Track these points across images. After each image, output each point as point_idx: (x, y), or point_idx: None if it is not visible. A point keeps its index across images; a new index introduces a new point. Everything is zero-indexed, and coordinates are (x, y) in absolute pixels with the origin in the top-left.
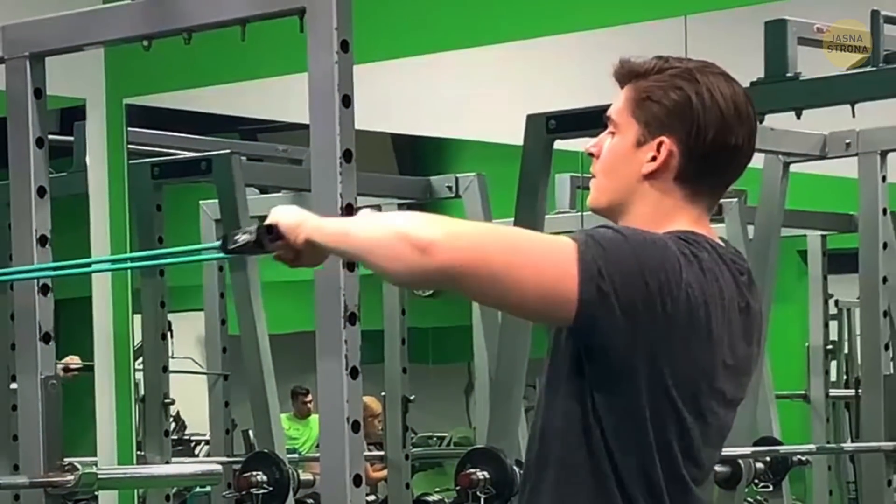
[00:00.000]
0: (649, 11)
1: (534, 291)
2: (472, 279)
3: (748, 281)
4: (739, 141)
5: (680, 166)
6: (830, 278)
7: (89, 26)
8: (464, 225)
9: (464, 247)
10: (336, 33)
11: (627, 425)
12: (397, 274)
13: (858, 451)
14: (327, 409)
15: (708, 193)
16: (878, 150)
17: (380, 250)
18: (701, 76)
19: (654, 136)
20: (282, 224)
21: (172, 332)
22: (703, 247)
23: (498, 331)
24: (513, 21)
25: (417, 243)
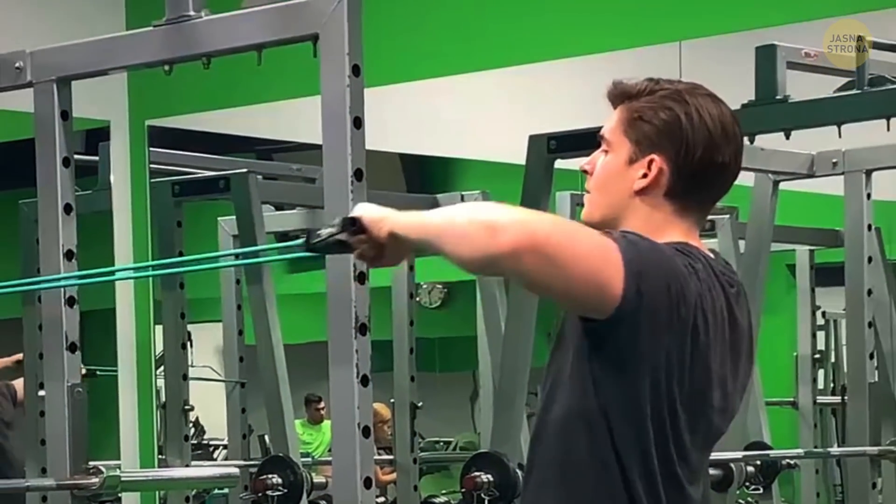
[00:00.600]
0: (646, 37)
1: (583, 280)
2: (531, 262)
3: (737, 294)
4: (726, 159)
5: (670, 183)
6: (818, 291)
7: (113, 52)
8: (528, 212)
9: (529, 231)
10: (348, 58)
11: (630, 422)
12: (469, 256)
13: (844, 456)
14: (339, 415)
15: (696, 208)
16: (863, 169)
17: (452, 235)
18: (690, 97)
19: (645, 154)
20: (365, 217)
21: (192, 341)
22: (699, 258)
23: (501, 341)
24: (515, 47)
25: (488, 225)
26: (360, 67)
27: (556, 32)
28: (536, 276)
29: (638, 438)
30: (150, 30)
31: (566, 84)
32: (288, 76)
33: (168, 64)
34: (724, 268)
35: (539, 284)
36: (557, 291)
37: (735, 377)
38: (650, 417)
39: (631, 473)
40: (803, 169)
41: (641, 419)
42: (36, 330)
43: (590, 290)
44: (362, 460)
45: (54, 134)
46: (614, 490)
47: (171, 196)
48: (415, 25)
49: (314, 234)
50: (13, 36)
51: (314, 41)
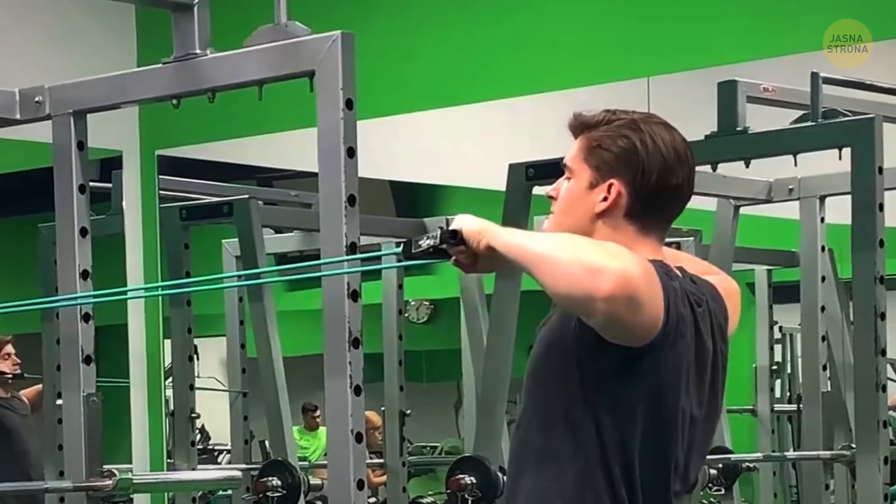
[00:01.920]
0: (617, 73)
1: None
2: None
3: (703, 313)
4: (680, 181)
5: (628, 205)
6: (775, 307)
7: (125, 87)
8: (621, 254)
9: (627, 279)
10: (342, 93)
11: (622, 422)
12: (566, 292)
13: (800, 459)
14: (334, 423)
15: (655, 227)
16: (817, 195)
17: (553, 268)
18: (644, 126)
19: (605, 179)
20: (465, 230)
21: (198, 354)
22: (675, 277)
23: (483, 353)
24: (496, 82)
25: (591, 269)
26: (354, 101)
27: (533, 69)
28: (618, 318)
29: (625, 436)
30: (159, 66)
31: (543, 116)
32: (286, 109)
33: (176, 98)
34: (692, 286)
35: (612, 323)
36: (620, 331)
37: (701, 394)
38: (640, 416)
39: (614, 478)
40: (762, 195)
41: (633, 418)
42: (54, 344)
43: (644, 331)
44: (355, 464)
45: (71, 163)
46: (595, 481)
47: (179, 220)
48: (405, 63)
49: (415, 244)
50: (33, 72)
51: (311, 77)
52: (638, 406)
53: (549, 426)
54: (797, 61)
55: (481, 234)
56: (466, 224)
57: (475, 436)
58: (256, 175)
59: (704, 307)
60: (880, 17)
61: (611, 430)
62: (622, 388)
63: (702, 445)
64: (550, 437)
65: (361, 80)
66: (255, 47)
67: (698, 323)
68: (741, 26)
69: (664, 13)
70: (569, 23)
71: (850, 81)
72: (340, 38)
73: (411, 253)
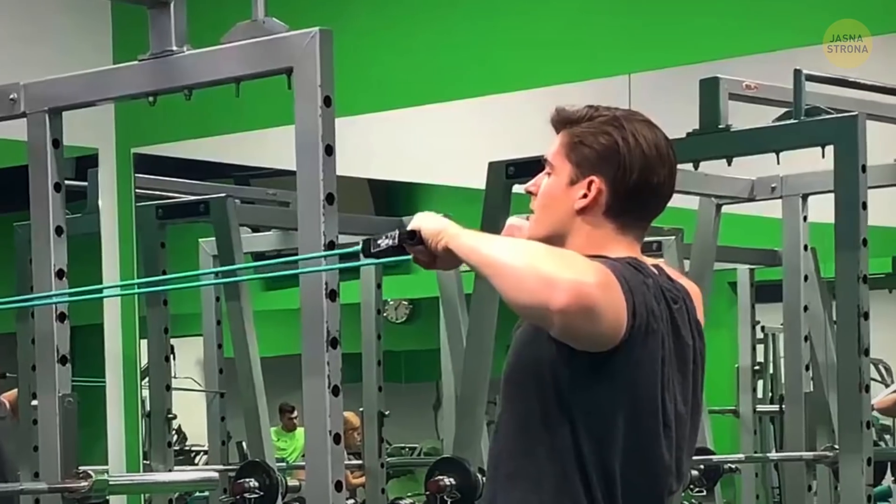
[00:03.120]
0: (598, 70)
1: (608, 330)
2: (576, 320)
3: (680, 310)
4: (661, 179)
5: (608, 202)
6: (757, 307)
7: (101, 84)
8: (578, 264)
9: (583, 294)
10: (320, 90)
11: (599, 424)
12: (521, 302)
13: (782, 460)
14: (312, 423)
15: (635, 225)
16: (800, 194)
17: (508, 277)
18: (627, 123)
19: (586, 176)
20: (424, 230)
21: (175, 354)
22: (649, 274)
23: (463, 354)
24: (475, 80)
25: (547, 281)
26: (332, 99)
27: (513, 66)
28: (575, 329)
29: (603, 439)
30: (135, 64)
31: (523, 114)
32: (264, 107)
33: (152, 95)
34: (669, 284)
35: (570, 335)
36: (581, 340)
37: (684, 388)
38: (619, 427)
39: (591, 469)
40: (744, 193)
41: (612, 421)
42: (29, 344)
43: (607, 338)
44: (333, 465)
45: (46, 161)
46: (573, 485)
47: (156, 219)
48: (383, 60)
49: (374, 244)
50: (8, 69)
51: (288, 74)
52: (614, 407)
53: (527, 430)
54: (780, 58)
55: (439, 236)
56: (425, 224)
57: (455, 437)
58: (233, 173)
59: (681, 304)
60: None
61: (587, 432)
62: (596, 390)
63: (690, 442)
64: (528, 442)
65: (340, 78)
66: (232, 44)
67: (676, 320)
68: (723, 23)
69: (645, 9)
70: (549, 19)
71: (834, 79)
72: (319, 34)
73: (370, 252)
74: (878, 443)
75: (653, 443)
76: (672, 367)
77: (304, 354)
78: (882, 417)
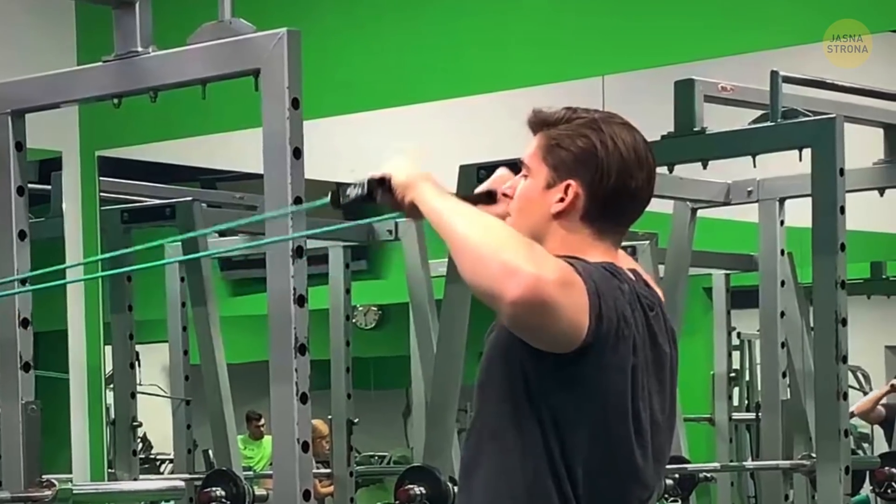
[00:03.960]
0: (569, 72)
1: (560, 331)
2: (526, 315)
3: (656, 317)
4: (639, 183)
5: (585, 207)
6: (733, 313)
7: (65, 85)
8: (541, 258)
9: (538, 290)
10: (288, 92)
11: (567, 429)
12: (476, 282)
13: (758, 469)
14: (279, 431)
15: (612, 231)
16: (776, 198)
17: (469, 253)
18: (605, 126)
19: (563, 180)
20: (394, 180)
21: (140, 361)
22: (625, 280)
23: (433, 360)
24: (447, 81)
25: (508, 269)
26: (300, 101)
27: (485, 68)
28: (526, 324)
29: (572, 450)
30: (99, 65)
31: (495, 116)
32: (231, 109)
33: (117, 97)
34: (646, 291)
35: (519, 327)
36: (532, 336)
37: (662, 396)
38: (587, 432)
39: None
40: (720, 197)
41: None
42: None
43: (562, 339)
44: (301, 474)
45: (9, 164)
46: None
47: (120, 223)
48: (353, 62)
49: (343, 195)
50: None
51: (255, 76)
52: (583, 412)
53: (499, 432)
54: (756, 59)
55: (407, 189)
56: (396, 173)
57: (425, 445)
58: (200, 177)
59: (657, 311)
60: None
61: (556, 435)
62: (565, 394)
63: (666, 451)
64: (500, 444)
65: (308, 79)
66: (198, 45)
67: (653, 327)
68: (698, 23)
69: (618, 10)
70: (520, 20)
71: (811, 80)
72: (286, 35)
73: (339, 204)
74: (856, 451)
75: (624, 450)
76: (648, 375)
77: (271, 361)
78: (860, 425)
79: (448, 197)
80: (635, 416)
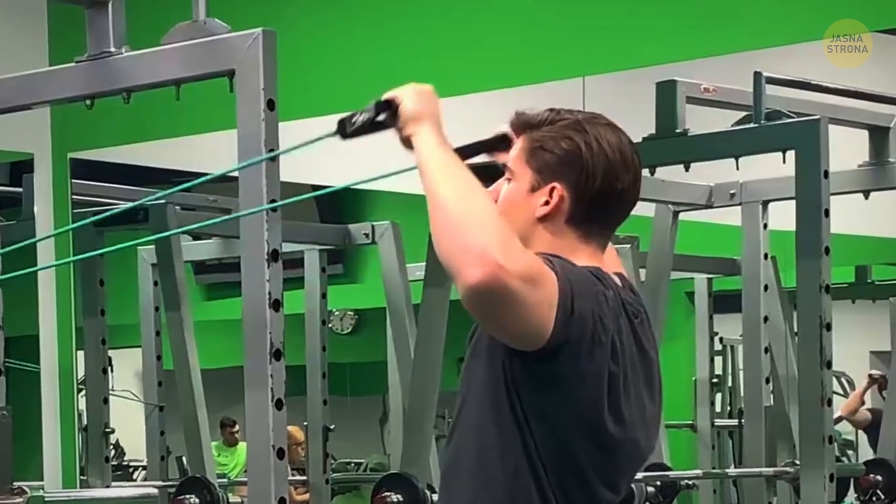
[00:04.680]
0: (550, 72)
1: (519, 327)
2: (482, 305)
3: (641, 324)
4: (625, 185)
5: (570, 210)
6: (716, 317)
7: (36, 86)
8: (516, 253)
9: (502, 283)
10: (263, 93)
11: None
12: (439, 248)
13: (741, 476)
14: (255, 438)
15: (598, 234)
16: (759, 200)
17: (445, 217)
18: (589, 127)
19: (547, 182)
20: (401, 108)
21: (112, 366)
22: (609, 286)
23: (411, 365)
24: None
25: (477, 251)
26: (275, 102)
27: (465, 69)
28: (475, 308)
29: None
30: (72, 66)
31: (474, 118)
32: (205, 111)
33: (90, 98)
34: (632, 298)
35: (473, 311)
36: (486, 324)
37: (653, 403)
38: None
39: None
40: (702, 200)
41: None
42: None
43: (520, 335)
44: (277, 481)
45: None
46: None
47: (93, 226)
48: (329, 63)
49: (349, 123)
50: None
51: (230, 77)
52: (556, 414)
53: (479, 430)
54: (739, 60)
55: (410, 123)
56: (406, 101)
57: (402, 452)
58: (174, 179)
59: (642, 318)
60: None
61: (534, 437)
62: (539, 394)
63: (645, 458)
64: (481, 442)
65: (283, 80)
66: (172, 45)
67: (638, 333)
68: (680, 24)
69: (600, 10)
70: (500, 20)
71: (795, 81)
72: (262, 35)
73: (346, 133)
74: (841, 458)
75: (591, 455)
76: (636, 384)
77: (246, 366)
78: (845, 432)
79: (446, 148)
80: (609, 423)
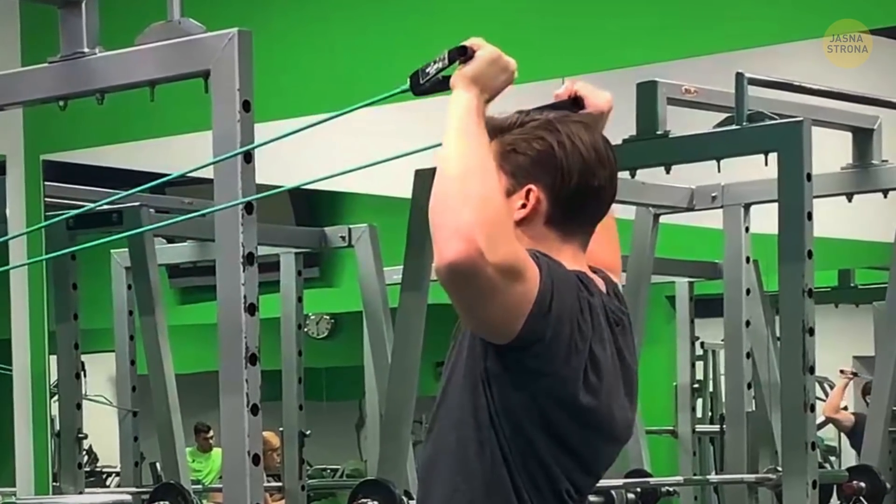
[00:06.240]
0: (529, 73)
1: (493, 315)
2: (456, 286)
3: (622, 331)
4: (602, 182)
5: (548, 211)
6: (697, 322)
7: (8, 87)
8: (504, 243)
9: (478, 268)
10: (238, 94)
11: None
12: (430, 217)
13: (723, 483)
14: (230, 443)
15: (578, 232)
16: (741, 203)
17: (442, 184)
18: (561, 125)
19: (522, 185)
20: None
21: (86, 371)
22: (594, 291)
23: (388, 370)
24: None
25: (461, 232)
26: (251, 103)
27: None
28: (446, 286)
29: (524, 454)
30: (45, 66)
31: None
32: (180, 112)
33: (63, 99)
34: (615, 305)
35: (446, 288)
36: (458, 307)
37: (632, 410)
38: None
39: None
40: (683, 203)
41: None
42: None
43: (486, 325)
44: (252, 487)
45: None
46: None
47: (66, 229)
48: (305, 63)
49: (422, 75)
50: None
51: (205, 77)
52: (530, 418)
53: (457, 427)
54: (721, 61)
55: (462, 80)
56: (477, 60)
57: (379, 458)
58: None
59: (623, 325)
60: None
61: (508, 437)
62: (515, 396)
63: (612, 460)
64: (459, 439)
65: (259, 81)
66: (146, 46)
67: (619, 341)
68: (661, 24)
69: (579, 10)
70: (478, 20)
71: (777, 82)
72: (237, 36)
73: (419, 88)
74: (824, 464)
75: (559, 455)
76: (616, 394)
77: (221, 371)
78: (827, 438)
79: (479, 122)
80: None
